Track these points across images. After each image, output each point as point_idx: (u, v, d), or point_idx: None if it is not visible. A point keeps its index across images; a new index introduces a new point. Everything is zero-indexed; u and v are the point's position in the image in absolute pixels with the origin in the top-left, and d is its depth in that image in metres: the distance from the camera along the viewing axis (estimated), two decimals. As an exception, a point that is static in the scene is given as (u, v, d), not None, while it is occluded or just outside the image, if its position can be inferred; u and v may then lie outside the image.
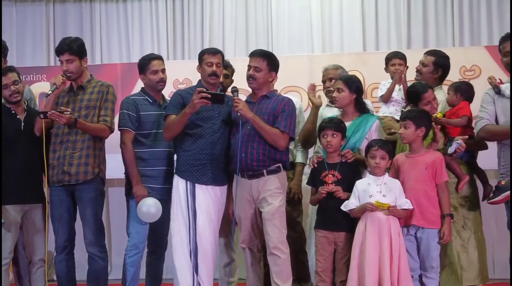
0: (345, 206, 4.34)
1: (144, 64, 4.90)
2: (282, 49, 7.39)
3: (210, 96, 4.37)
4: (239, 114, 4.42)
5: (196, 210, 4.50)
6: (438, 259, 4.35)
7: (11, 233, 4.76)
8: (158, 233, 4.91)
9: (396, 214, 4.25)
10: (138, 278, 4.87)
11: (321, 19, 7.46)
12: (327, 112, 5.01)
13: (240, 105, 4.41)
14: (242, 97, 4.69)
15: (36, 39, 7.80)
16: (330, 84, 5.00)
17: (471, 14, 7.27)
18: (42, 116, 4.54)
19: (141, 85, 5.02)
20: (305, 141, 5.05)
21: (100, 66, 7.29)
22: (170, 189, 4.66)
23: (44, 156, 4.68)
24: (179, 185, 4.56)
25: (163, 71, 4.91)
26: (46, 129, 4.74)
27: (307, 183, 4.66)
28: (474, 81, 5.45)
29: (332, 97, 4.75)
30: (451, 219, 4.33)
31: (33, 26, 7.82)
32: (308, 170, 4.74)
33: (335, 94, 4.65)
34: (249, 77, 4.60)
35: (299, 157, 5.21)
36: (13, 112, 4.86)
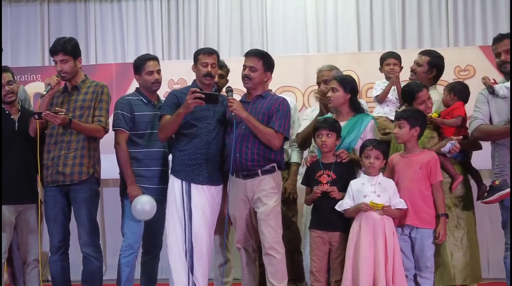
0: (340, 206, 4.34)
1: (140, 65, 4.90)
2: (277, 49, 7.40)
3: (204, 96, 4.37)
4: (234, 114, 4.42)
5: (192, 210, 4.50)
6: (433, 259, 4.36)
7: (6, 234, 4.75)
8: (153, 233, 4.92)
9: (391, 214, 4.25)
10: (133, 278, 4.86)
11: (316, 19, 7.47)
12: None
13: (235, 105, 4.41)
14: (237, 97, 4.69)
15: (31, 39, 7.79)
16: (325, 86, 4.99)
17: (466, 14, 7.28)
18: (37, 117, 4.53)
19: (136, 85, 5.02)
20: (303, 143, 5.05)
21: (95, 66, 7.28)
22: (165, 190, 4.67)
23: (38, 157, 4.68)
24: (175, 185, 4.56)
25: (159, 72, 4.91)
26: (41, 130, 4.73)
27: (302, 183, 4.66)
28: (469, 81, 5.46)
29: (324, 102, 4.76)
30: (447, 219, 4.35)
31: (28, 26, 7.81)
32: (303, 170, 4.74)
33: (330, 94, 4.64)
34: (245, 77, 4.60)
35: (294, 157, 5.21)
36: (7, 113, 4.86)
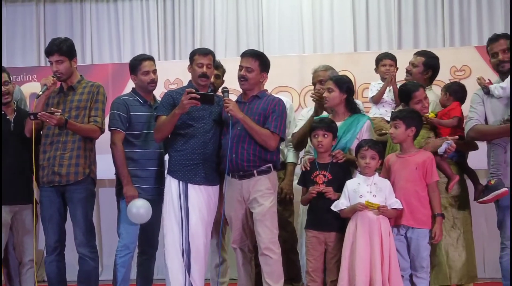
0: (335, 206, 4.34)
1: (135, 65, 4.90)
2: (273, 49, 7.40)
3: (200, 97, 4.37)
4: (230, 115, 4.43)
5: (189, 210, 4.50)
6: (428, 259, 4.36)
7: (1, 234, 4.75)
8: (149, 234, 4.92)
9: (386, 214, 4.25)
10: (129, 279, 4.86)
11: (312, 20, 7.47)
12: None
13: (231, 106, 4.41)
14: (233, 97, 4.69)
15: (27, 39, 7.77)
16: (320, 87, 5.00)
17: (461, 15, 7.29)
18: (32, 117, 4.53)
19: (132, 86, 5.02)
20: (299, 143, 5.04)
21: (91, 66, 7.28)
22: (161, 190, 4.68)
23: (33, 157, 4.68)
24: (172, 185, 4.56)
25: (154, 72, 4.92)
26: (37, 130, 4.73)
27: (298, 183, 4.67)
28: (465, 81, 5.45)
29: (319, 101, 4.76)
30: (443, 219, 4.35)
31: (24, 26, 7.79)
32: (300, 170, 4.74)
33: (326, 94, 4.65)
34: (241, 78, 4.59)
35: (290, 157, 5.22)
36: (3, 113, 4.85)
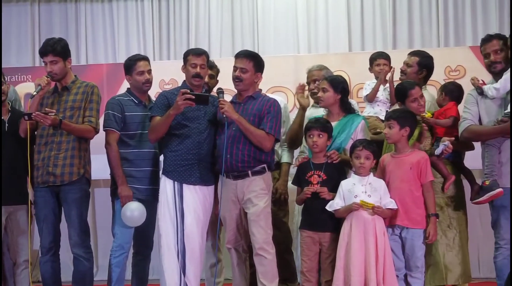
0: (330, 206, 4.34)
1: (130, 65, 4.90)
2: (268, 50, 7.39)
3: (194, 97, 4.37)
4: (225, 116, 4.43)
5: (184, 210, 4.50)
6: (423, 259, 4.37)
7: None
8: (144, 234, 4.91)
9: (381, 214, 4.26)
10: (124, 279, 4.86)
11: (307, 20, 7.46)
12: (313, 113, 5.01)
13: (226, 107, 4.41)
14: (228, 98, 4.69)
15: (21, 40, 7.75)
16: (315, 86, 5.00)
17: (456, 15, 7.29)
18: (27, 118, 4.52)
19: (127, 86, 5.02)
20: (292, 142, 5.06)
21: (86, 67, 7.26)
22: (155, 190, 4.68)
23: (28, 158, 4.66)
24: (167, 186, 4.56)
25: (149, 72, 4.91)
26: (31, 131, 4.73)
27: (293, 183, 4.67)
28: (459, 81, 5.42)
29: (318, 97, 4.77)
30: (437, 219, 4.36)
31: (18, 26, 7.76)
32: (294, 170, 4.75)
33: (320, 94, 4.66)
34: (236, 79, 4.59)
35: (285, 157, 5.21)
36: (-3, 113, 4.86)
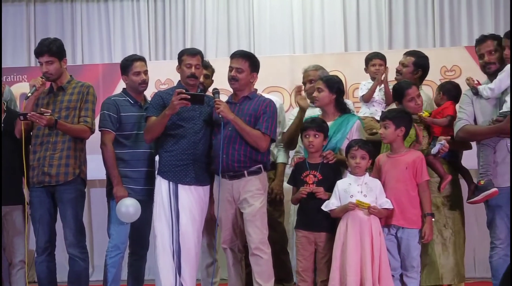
0: (326, 206, 4.35)
1: (127, 65, 4.90)
2: (264, 50, 7.40)
3: (190, 97, 4.38)
4: (221, 116, 4.43)
5: (179, 211, 4.50)
6: (419, 259, 4.38)
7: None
8: (140, 234, 4.92)
9: (377, 214, 4.27)
10: (120, 279, 4.85)
11: (303, 20, 7.47)
12: (309, 113, 5.01)
13: (222, 107, 4.42)
14: (224, 98, 4.70)
15: (17, 40, 7.74)
16: (310, 86, 5.01)
17: (452, 15, 7.31)
18: (22, 118, 4.52)
19: (123, 86, 5.02)
20: (289, 142, 5.05)
21: (82, 67, 7.25)
22: (151, 190, 4.67)
23: (24, 158, 4.66)
24: (162, 186, 4.56)
25: (146, 73, 4.92)
26: (27, 131, 4.73)
27: (288, 182, 4.68)
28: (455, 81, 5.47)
29: (313, 97, 4.77)
30: (433, 219, 4.37)
31: (14, 26, 7.75)
32: (290, 170, 4.75)
33: (315, 94, 4.67)
34: (231, 79, 4.60)
35: (280, 157, 5.22)
36: (-7, 113, 4.85)
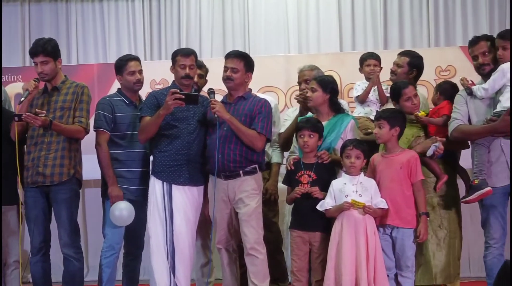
0: (321, 206, 4.35)
1: (121, 65, 4.90)
2: (259, 50, 7.40)
3: (184, 97, 4.38)
4: (216, 116, 4.43)
5: (173, 211, 4.50)
6: (413, 259, 4.39)
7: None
8: (135, 234, 4.92)
9: (372, 214, 4.27)
10: (114, 279, 4.85)
11: (298, 20, 7.46)
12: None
13: (217, 107, 4.42)
14: (218, 98, 4.70)
15: (11, 40, 7.70)
16: (305, 86, 5.01)
17: (446, 15, 7.32)
18: (17, 119, 4.51)
19: (118, 86, 5.02)
20: (285, 143, 5.06)
21: (76, 67, 7.23)
22: (146, 191, 4.67)
23: (17, 158, 4.65)
24: (156, 186, 4.56)
25: (140, 72, 4.91)
26: (23, 132, 4.73)
27: (283, 182, 4.69)
28: (449, 81, 5.48)
29: (304, 100, 4.78)
30: (427, 218, 4.38)
31: (8, 26, 7.71)
32: (284, 170, 4.76)
33: (309, 94, 4.68)
34: (226, 79, 4.60)
35: (275, 157, 5.22)
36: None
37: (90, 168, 5.10)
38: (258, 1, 7.53)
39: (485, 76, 4.49)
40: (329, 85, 4.66)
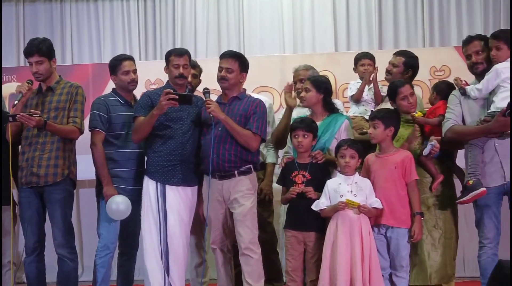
0: (316, 206, 4.35)
1: (115, 65, 4.89)
2: (254, 50, 7.39)
3: (178, 97, 4.38)
4: (211, 116, 4.43)
5: (167, 211, 4.51)
6: (408, 258, 4.40)
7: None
8: (129, 234, 4.91)
9: (367, 213, 4.28)
10: (109, 279, 4.85)
11: (293, 20, 7.46)
12: (300, 113, 5.03)
13: (212, 107, 4.42)
14: (213, 98, 4.69)
15: (6, 40, 7.68)
16: (301, 86, 5.02)
17: (441, 15, 7.33)
18: (11, 119, 4.51)
19: (112, 86, 5.01)
20: (278, 141, 5.05)
21: (71, 67, 7.22)
22: (141, 190, 4.66)
23: (10, 158, 4.64)
24: (149, 186, 4.56)
25: (135, 72, 4.91)
26: (18, 134, 4.72)
27: (277, 182, 4.70)
28: (444, 82, 5.48)
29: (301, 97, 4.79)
30: (422, 218, 4.38)
31: (3, 26, 7.70)
32: (279, 171, 4.76)
33: (303, 94, 4.70)
34: (221, 79, 4.60)
35: (270, 158, 5.23)
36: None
37: (85, 168, 5.10)
38: (253, 1, 7.53)
39: (478, 75, 4.51)
40: (323, 85, 4.67)
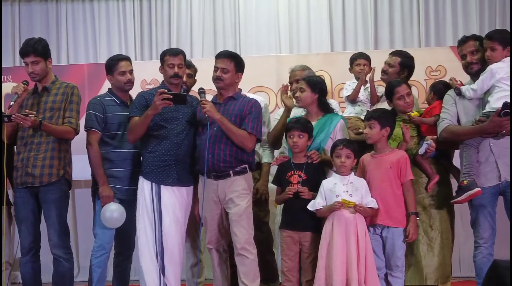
0: (312, 206, 4.36)
1: (112, 65, 4.89)
2: (250, 50, 7.39)
3: (172, 97, 4.37)
4: (207, 116, 4.43)
5: (162, 211, 4.50)
6: (403, 258, 4.40)
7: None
8: (125, 234, 4.90)
9: (363, 213, 4.28)
10: (105, 279, 4.84)
11: (289, 20, 7.46)
12: (296, 113, 5.03)
13: (208, 107, 4.41)
14: (209, 98, 4.70)
15: (1, 39, 7.68)
16: (296, 86, 5.02)
17: (437, 15, 7.33)
18: (7, 120, 4.50)
19: (108, 86, 5.00)
20: (275, 141, 5.07)
21: (67, 67, 7.22)
22: (136, 190, 4.65)
23: (4, 158, 4.63)
24: (144, 187, 4.56)
25: (131, 72, 4.90)
26: (13, 134, 4.72)
27: (273, 182, 4.70)
28: (440, 82, 5.49)
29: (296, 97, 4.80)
30: (417, 218, 4.39)
31: (-1, 27, 7.73)
32: (275, 170, 4.76)
33: (298, 94, 4.71)
34: (217, 79, 4.60)
35: (265, 157, 5.23)
36: (-23, 114, 4.81)
37: (81, 169, 5.09)
38: (249, 1, 7.52)
39: (473, 75, 4.52)
40: (318, 85, 4.68)
